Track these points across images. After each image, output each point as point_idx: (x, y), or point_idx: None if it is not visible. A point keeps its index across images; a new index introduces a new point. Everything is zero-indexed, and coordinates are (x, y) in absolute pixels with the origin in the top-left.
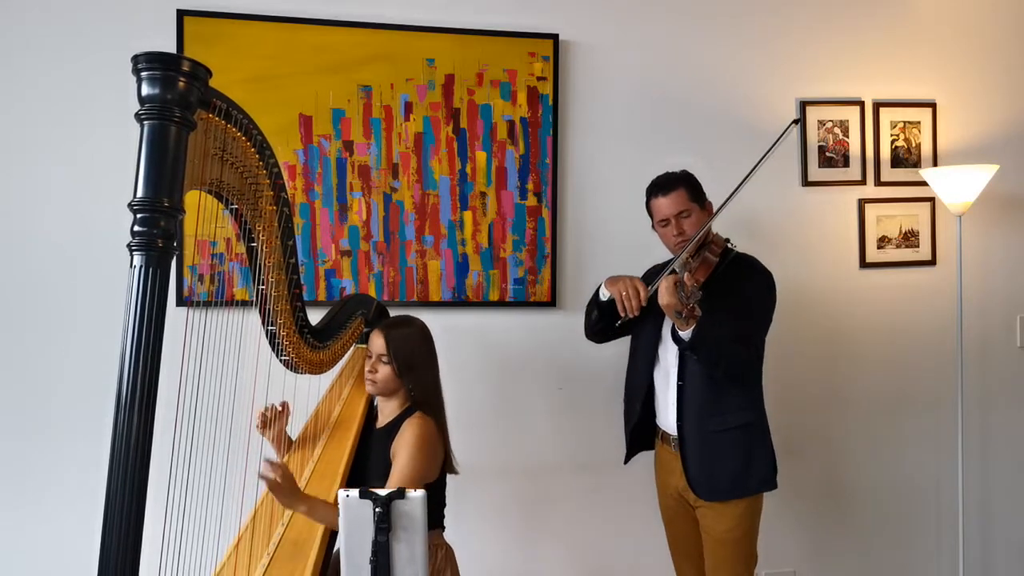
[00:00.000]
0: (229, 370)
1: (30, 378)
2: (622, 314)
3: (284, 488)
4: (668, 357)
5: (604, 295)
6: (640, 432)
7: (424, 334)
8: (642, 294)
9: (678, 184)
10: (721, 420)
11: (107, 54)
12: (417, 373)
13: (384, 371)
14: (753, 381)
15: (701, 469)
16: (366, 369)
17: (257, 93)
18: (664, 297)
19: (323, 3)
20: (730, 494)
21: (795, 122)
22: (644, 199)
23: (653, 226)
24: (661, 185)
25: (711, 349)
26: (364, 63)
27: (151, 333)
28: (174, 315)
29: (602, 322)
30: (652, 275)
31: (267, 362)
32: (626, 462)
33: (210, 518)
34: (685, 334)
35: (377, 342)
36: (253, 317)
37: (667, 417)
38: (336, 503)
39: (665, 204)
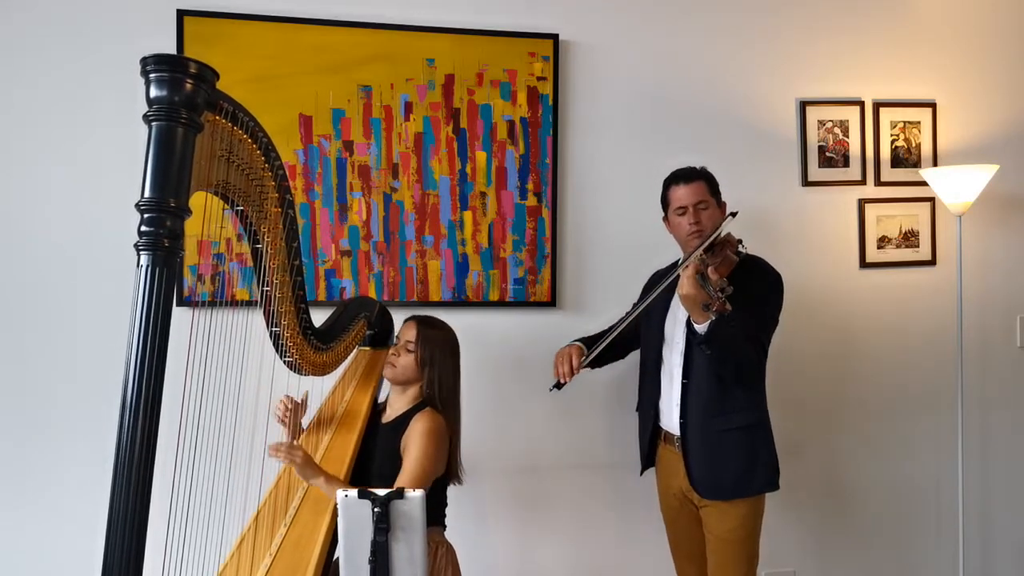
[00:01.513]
0: (232, 370)
1: (33, 378)
2: (556, 378)
3: (302, 459)
4: (672, 357)
5: None
6: (654, 439)
7: (454, 342)
8: (575, 362)
9: (699, 176)
10: (725, 420)
11: (107, 54)
12: (437, 371)
13: (407, 359)
14: (757, 382)
15: (704, 469)
16: (390, 353)
17: (257, 93)
18: (684, 287)
19: (323, 3)
20: (733, 494)
21: (732, 215)
22: (642, 199)
23: (666, 217)
24: (682, 175)
25: (725, 344)
26: (364, 63)
27: (157, 332)
28: (175, 315)
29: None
30: (657, 280)
31: (271, 363)
32: (642, 473)
33: (214, 517)
34: (701, 328)
35: (409, 331)
36: (256, 318)
37: (671, 417)
38: (346, 478)
39: (684, 192)
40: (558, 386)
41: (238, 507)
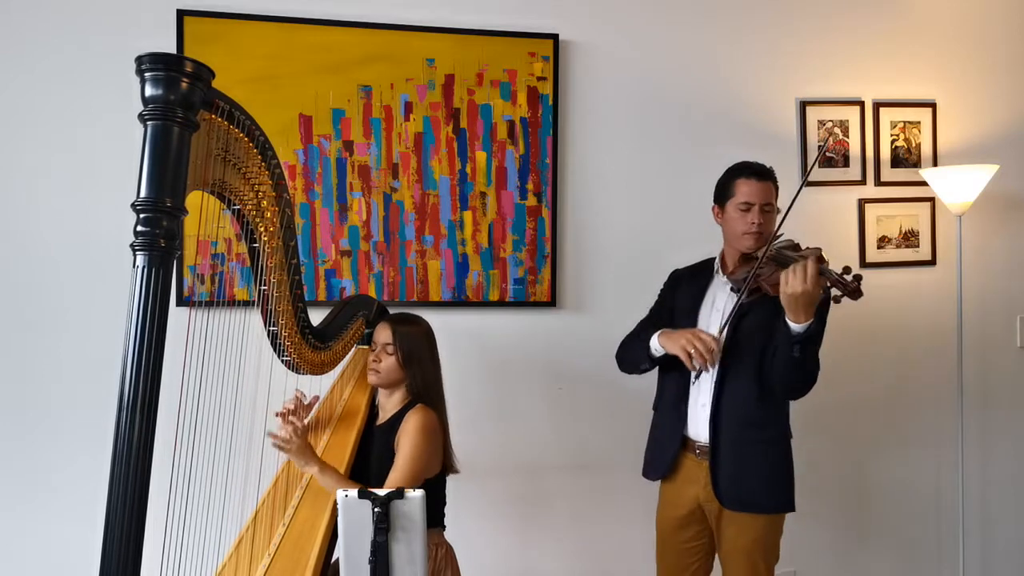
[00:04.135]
0: (230, 370)
1: (31, 379)
2: (696, 370)
3: (297, 446)
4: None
5: (658, 350)
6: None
7: (429, 334)
8: (712, 345)
9: (772, 176)
10: (758, 431)
11: (107, 54)
12: (420, 367)
13: (388, 362)
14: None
15: (731, 480)
16: (370, 360)
17: (257, 93)
18: (802, 284)
19: (323, 3)
20: (757, 508)
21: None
22: (642, 198)
23: (723, 206)
24: (758, 170)
25: (814, 350)
26: (364, 63)
27: (153, 333)
28: (174, 315)
29: (652, 369)
30: (684, 276)
31: (268, 362)
32: (663, 479)
33: (212, 518)
34: (800, 327)
35: (383, 333)
36: (254, 317)
37: (697, 424)
38: (344, 475)
39: (758, 189)
40: (700, 374)
41: (236, 506)
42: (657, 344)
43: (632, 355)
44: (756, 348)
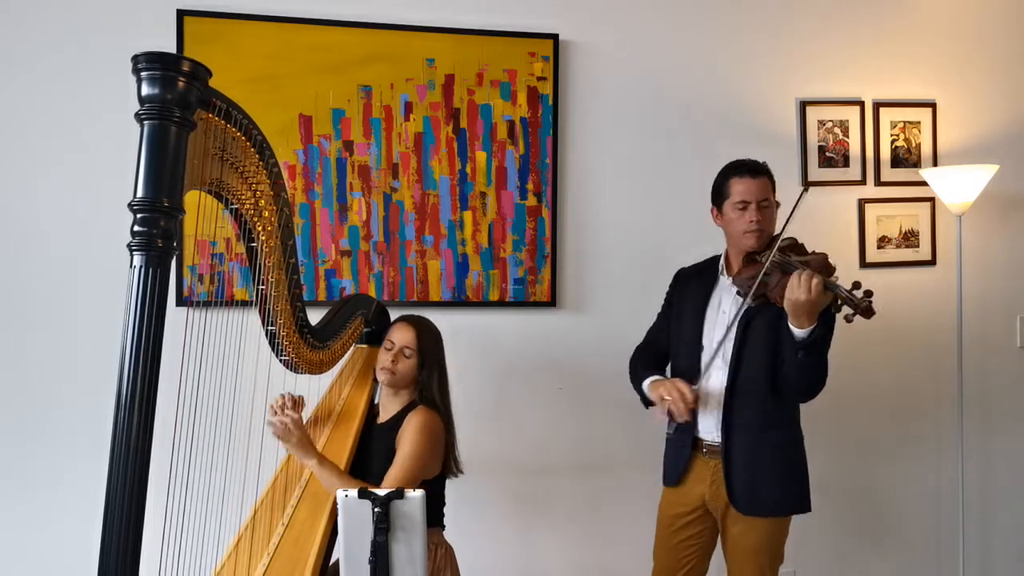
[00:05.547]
0: (229, 370)
1: (30, 378)
2: (671, 420)
3: (297, 438)
4: (716, 363)
5: (648, 394)
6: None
7: (440, 337)
8: (688, 397)
9: (766, 172)
10: (772, 434)
11: (107, 54)
12: (434, 372)
13: (407, 364)
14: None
15: (745, 483)
16: (387, 360)
17: (257, 93)
18: (806, 294)
19: (323, 3)
20: (770, 511)
21: (806, 189)
22: (642, 198)
23: (720, 208)
24: (750, 168)
25: (821, 353)
26: (364, 63)
27: (151, 332)
28: (174, 315)
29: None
30: (689, 275)
31: (267, 362)
32: (676, 484)
33: (210, 517)
34: (802, 333)
35: (406, 335)
36: (253, 317)
37: (708, 426)
38: (343, 470)
39: (754, 186)
40: (678, 428)
41: (235, 506)
42: (647, 391)
43: (636, 386)
44: (767, 349)
